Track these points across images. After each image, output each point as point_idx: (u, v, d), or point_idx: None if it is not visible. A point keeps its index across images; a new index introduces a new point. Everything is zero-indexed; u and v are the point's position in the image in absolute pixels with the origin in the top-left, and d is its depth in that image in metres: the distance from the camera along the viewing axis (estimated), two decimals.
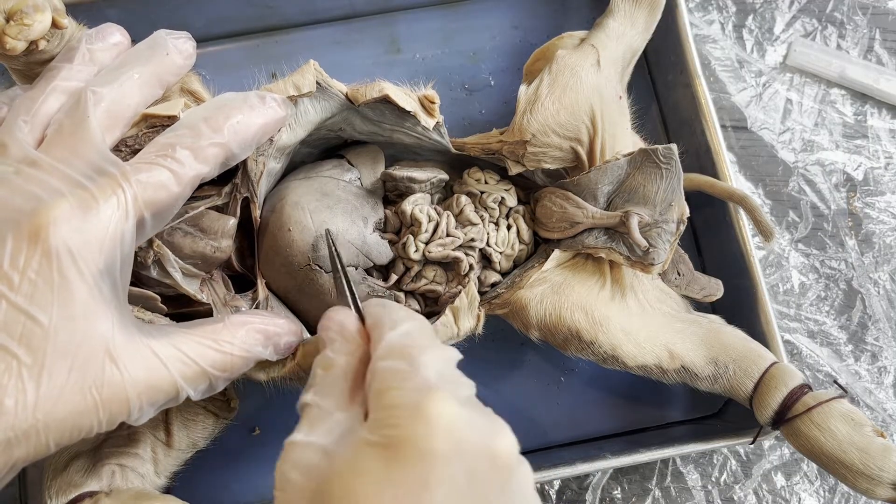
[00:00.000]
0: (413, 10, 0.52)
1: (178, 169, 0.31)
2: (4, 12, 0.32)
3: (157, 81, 0.34)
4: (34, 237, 0.28)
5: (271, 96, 0.35)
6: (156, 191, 0.30)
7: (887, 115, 0.54)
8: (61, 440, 0.28)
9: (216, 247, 0.37)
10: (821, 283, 0.51)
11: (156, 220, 0.31)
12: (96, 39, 0.35)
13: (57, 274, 0.28)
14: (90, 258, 0.28)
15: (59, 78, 0.33)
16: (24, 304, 0.27)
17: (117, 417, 0.29)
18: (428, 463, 0.24)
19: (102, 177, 0.30)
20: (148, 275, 0.35)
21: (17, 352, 0.27)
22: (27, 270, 0.28)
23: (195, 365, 0.31)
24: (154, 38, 0.35)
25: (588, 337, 0.40)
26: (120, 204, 0.29)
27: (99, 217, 0.29)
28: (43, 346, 0.27)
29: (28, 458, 0.28)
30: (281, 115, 0.35)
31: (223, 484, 0.46)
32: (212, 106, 0.34)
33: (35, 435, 0.28)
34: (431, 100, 0.40)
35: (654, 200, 0.39)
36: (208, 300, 0.37)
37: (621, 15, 0.45)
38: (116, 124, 0.33)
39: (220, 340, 0.32)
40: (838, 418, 0.38)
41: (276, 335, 0.35)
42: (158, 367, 0.30)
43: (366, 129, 0.42)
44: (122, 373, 0.29)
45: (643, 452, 0.43)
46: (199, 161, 0.32)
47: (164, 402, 0.31)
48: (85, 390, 0.28)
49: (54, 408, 0.28)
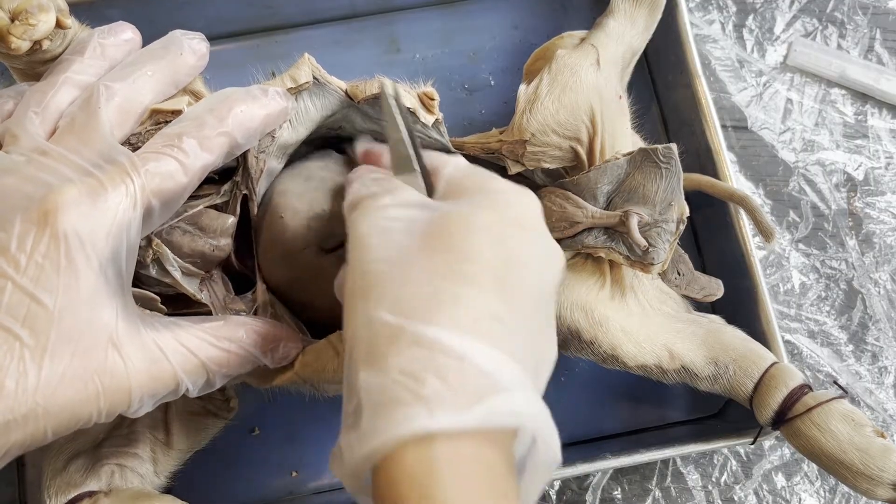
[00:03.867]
0: (413, 10, 0.52)
1: (184, 159, 0.31)
2: (9, 12, 0.32)
3: (170, 80, 0.35)
4: (42, 221, 0.28)
5: (273, 89, 0.36)
6: (163, 180, 0.31)
7: (888, 114, 0.54)
8: (59, 428, 0.28)
9: (215, 245, 0.37)
10: (821, 284, 0.51)
11: (163, 210, 0.31)
12: (108, 35, 0.35)
13: (64, 258, 0.28)
14: (97, 244, 0.28)
15: (71, 71, 0.33)
16: (30, 286, 0.27)
17: (117, 408, 0.29)
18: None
19: (111, 165, 0.30)
20: (147, 274, 0.35)
21: (21, 334, 0.27)
22: (34, 253, 0.28)
23: (195, 358, 0.31)
24: (169, 37, 0.36)
25: (587, 337, 0.40)
26: (128, 192, 0.30)
27: (107, 204, 0.29)
28: (46, 329, 0.27)
29: (24, 443, 0.28)
30: (283, 105, 0.36)
31: (223, 484, 0.46)
32: (215, 99, 0.34)
33: (34, 420, 0.27)
34: (431, 96, 0.40)
35: (653, 200, 0.39)
36: (208, 301, 0.37)
37: (621, 15, 0.45)
38: (127, 120, 0.33)
39: (220, 337, 0.32)
40: (839, 419, 0.38)
41: (275, 340, 0.35)
42: (160, 358, 0.30)
43: (366, 126, 0.42)
44: (125, 362, 0.29)
45: (643, 452, 0.43)
46: (205, 150, 0.32)
47: (164, 395, 0.31)
48: (87, 377, 0.28)
49: (55, 393, 0.28)
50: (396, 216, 0.29)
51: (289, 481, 0.46)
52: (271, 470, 0.46)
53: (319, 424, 0.47)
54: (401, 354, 0.25)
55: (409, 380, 0.24)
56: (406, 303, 0.26)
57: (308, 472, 0.46)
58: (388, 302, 0.26)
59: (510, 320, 0.27)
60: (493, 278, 0.27)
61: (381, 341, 0.25)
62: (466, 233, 0.28)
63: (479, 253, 0.27)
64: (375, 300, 0.26)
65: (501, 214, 0.29)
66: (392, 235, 0.28)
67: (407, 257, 0.27)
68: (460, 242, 0.27)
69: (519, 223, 0.29)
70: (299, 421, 0.47)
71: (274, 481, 0.46)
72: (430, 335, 0.25)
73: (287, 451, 0.46)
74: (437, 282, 0.26)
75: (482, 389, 0.24)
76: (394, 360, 0.24)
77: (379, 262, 0.27)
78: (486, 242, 0.28)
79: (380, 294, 0.26)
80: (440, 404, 0.23)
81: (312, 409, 0.46)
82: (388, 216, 0.29)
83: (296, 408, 0.46)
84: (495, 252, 0.28)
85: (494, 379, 0.25)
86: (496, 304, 0.26)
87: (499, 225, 0.29)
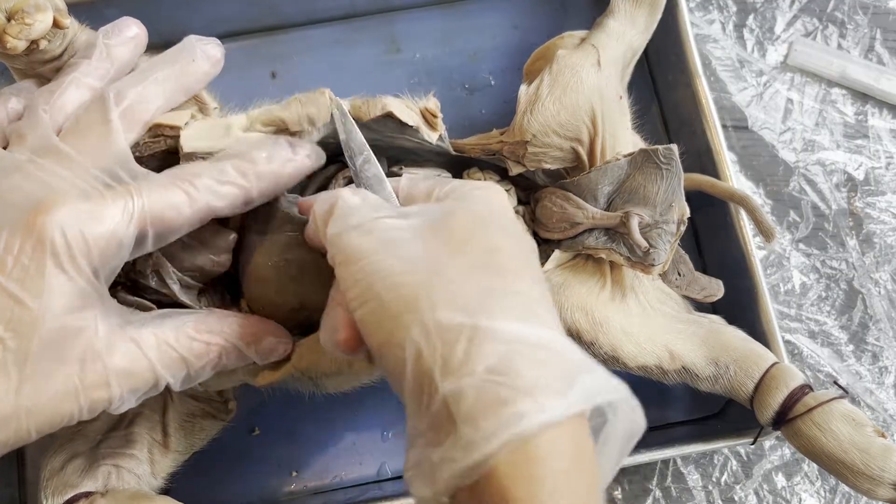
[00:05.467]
0: (413, 9, 0.52)
1: (194, 194, 0.31)
2: (6, 11, 0.32)
3: (180, 87, 0.35)
4: (32, 224, 0.28)
5: (303, 147, 0.35)
6: (165, 209, 0.30)
7: (888, 114, 0.54)
8: (42, 427, 0.29)
9: (216, 261, 0.37)
10: (822, 284, 0.51)
11: (157, 239, 0.31)
12: (113, 34, 0.35)
13: (50, 261, 0.28)
14: (84, 252, 0.29)
15: (78, 73, 0.33)
16: (15, 288, 0.28)
17: (98, 405, 0.30)
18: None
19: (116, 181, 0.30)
20: (146, 283, 0.35)
21: (4, 336, 0.27)
22: (21, 256, 0.28)
23: (174, 352, 0.31)
24: (183, 43, 0.36)
25: (588, 338, 0.40)
26: (126, 210, 0.30)
27: (102, 217, 0.29)
28: (29, 332, 0.28)
29: (7, 443, 0.28)
30: (308, 165, 0.35)
31: (222, 484, 0.46)
32: (242, 149, 0.34)
33: (16, 420, 0.28)
34: (434, 113, 0.39)
35: (654, 201, 0.39)
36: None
37: (622, 15, 0.45)
38: (134, 126, 0.33)
39: (201, 329, 0.32)
40: (839, 419, 0.38)
41: (258, 333, 0.34)
42: (138, 354, 0.30)
43: (367, 136, 0.41)
44: (103, 360, 0.29)
45: (644, 452, 0.43)
46: (216, 196, 0.32)
47: (145, 391, 0.31)
48: (67, 377, 0.28)
49: (36, 393, 0.28)
50: (397, 226, 0.29)
51: (289, 481, 0.46)
52: (271, 470, 0.46)
53: (319, 424, 0.47)
54: (482, 353, 0.24)
55: (502, 377, 0.23)
56: (462, 301, 0.25)
57: (308, 472, 0.46)
58: (443, 304, 0.25)
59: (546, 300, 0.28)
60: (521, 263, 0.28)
61: (454, 346, 0.24)
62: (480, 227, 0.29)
63: (501, 244, 0.28)
64: (429, 306, 0.25)
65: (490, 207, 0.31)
66: (404, 245, 0.28)
67: (437, 260, 0.27)
68: (480, 236, 0.28)
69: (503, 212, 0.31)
70: (299, 421, 0.47)
71: (274, 481, 0.46)
72: (502, 328, 0.24)
73: (287, 451, 0.46)
74: (480, 277, 0.26)
75: (570, 372, 0.24)
76: (477, 361, 0.24)
77: (407, 273, 0.27)
78: (498, 233, 0.29)
79: (430, 300, 0.26)
80: (544, 393, 0.23)
81: (312, 409, 0.46)
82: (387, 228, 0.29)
83: (296, 408, 0.46)
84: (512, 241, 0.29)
85: (572, 359, 0.25)
86: (535, 288, 0.27)
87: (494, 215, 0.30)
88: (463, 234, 0.28)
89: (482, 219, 0.29)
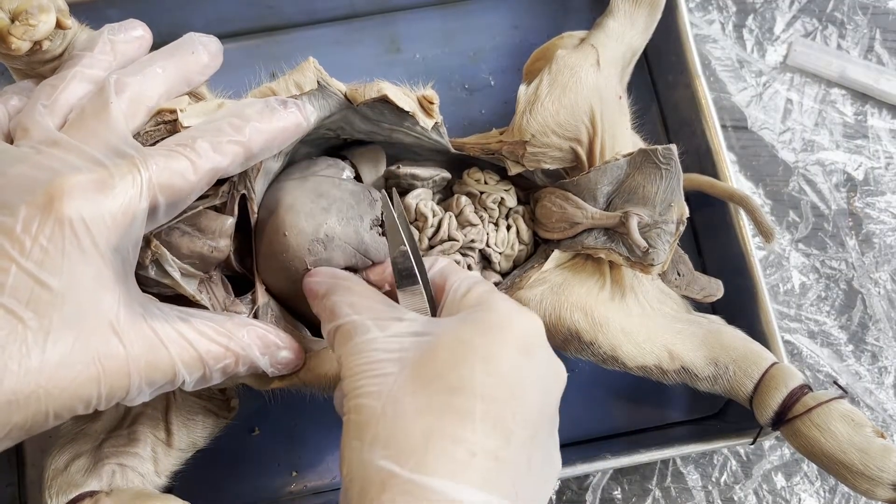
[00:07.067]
0: (413, 9, 0.52)
1: (195, 158, 0.31)
2: (9, 12, 0.32)
3: (181, 77, 0.35)
4: (48, 205, 0.28)
5: (293, 101, 0.35)
6: (172, 177, 0.31)
7: (887, 114, 0.54)
8: (60, 410, 0.28)
9: (214, 246, 0.37)
10: (821, 284, 0.51)
11: (169, 208, 0.31)
12: (118, 31, 0.35)
13: (68, 242, 0.28)
14: (102, 231, 0.29)
15: (81, 65, 0.33)
16: (34, 269, 0.28)
17: (116, 392, 0.30)
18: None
19: (121, 157, 0.30)
20: (146, 275, 0.35)
21: (24, 315, 0.27)
22: (39, 236, 0.28)
23: (193, 350, 0.31)
24: (182, 38, 0.36)
25: (588, 337, 0.40)
26: (136, 184, 0.30)
27: (114, 193, 0.29)
28: (49, 312, 0.28)
29: (25, 425, 0.28)
30: (300, 119, 0.36)
31: (223, 484, 0.46)
32: (234, 109, 0.34)
33: (36, 401, 0.28)
34: (430, 100, 0.39)
35: (653, 201, 0.39)
36: (207, 303, 0.37)
37: (621, 15, 0.45)
38: (137, 114, 0.33)
39: (221, 333, 0.33)
40: (838, 419, 0.38)
41: (275, 345, 0.35)
42: (159, 346, 0.30)
43: (365, 128, 0.42)
44: (125, 347, 0.29)
45: (643, 453, 0.43)
46: (218, 153, 0.32)
47: (161, 385, 0.31)
48: (88, 360, 0.28)
49: (56, 374, 0.28)
50: (387, 348, 0.30)
51: (289, 481, 0.46)
52: (271, 470, 0.46)
53: (319, 424, 0.47)
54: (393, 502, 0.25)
55: None
56: (398, 445, 0.26)
57: (308, 472, 0.46)
58: (380, 445, 0.27)
59: (506, 453, 0.27)
60: (488, 410, 0.27)
61: (373, 487, 0.26)
62: (459, 361, 0.28)
63: (471, 383, 0.27)
64: (369, 442, 0.27)
65: (501, 338, 0.29)
66: (384, 368, 0.29)
67: (399, 393, 0.28)
68: (452, 372, 0.28)
69: (519, 347, 0.29)
70: (299, 421, 0.47)
71: (274, 481, 0.46)
72: (422, 483, 0.25)
73: (287, 451, 0.46)
74: (429, 420, 0.27)
75: None
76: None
77: (370, 397, 0.28)
78: (481, 370, 0.28)
79: (373, 435, 0.27)
80: None
81: (312, 409, 0.46)
82: (379, 348, 0.30)
83: (296, 408, 0.46)
84: (491, 380, 0.28)
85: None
86: (491, 440, 0.27)
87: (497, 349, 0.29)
88: (437, 366, 0.28)
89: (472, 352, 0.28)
